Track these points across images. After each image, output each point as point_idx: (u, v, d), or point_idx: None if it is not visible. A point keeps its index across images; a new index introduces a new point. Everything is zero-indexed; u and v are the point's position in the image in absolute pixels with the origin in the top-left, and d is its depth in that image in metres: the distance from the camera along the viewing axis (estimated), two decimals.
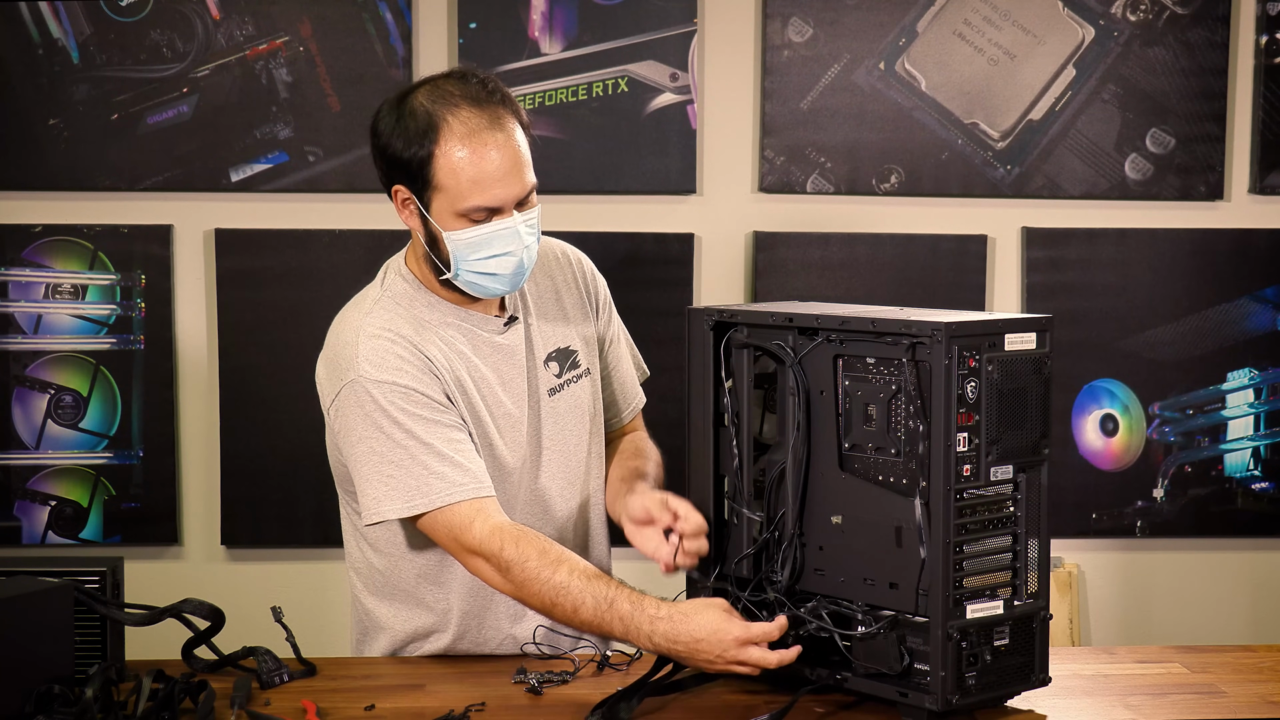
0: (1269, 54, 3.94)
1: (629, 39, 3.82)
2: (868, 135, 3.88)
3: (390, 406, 2.22)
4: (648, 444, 2.57)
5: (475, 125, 2.20)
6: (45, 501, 3.79)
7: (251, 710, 2.06)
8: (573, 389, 2.43)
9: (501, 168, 2.20)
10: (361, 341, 2.25)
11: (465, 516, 2.21)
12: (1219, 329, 3.98)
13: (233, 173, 3.78)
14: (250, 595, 3.70)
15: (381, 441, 2.22)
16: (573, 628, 2.24)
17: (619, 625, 2.13)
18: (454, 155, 2.19)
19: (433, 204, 2.24)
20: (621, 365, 2.56)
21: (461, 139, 2.19)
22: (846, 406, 2.11)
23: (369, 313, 2.30)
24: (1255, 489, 4.02)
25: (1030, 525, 2.08)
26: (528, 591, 2.19)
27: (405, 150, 2.22)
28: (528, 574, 2.17)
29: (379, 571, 2.40)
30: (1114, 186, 3.94)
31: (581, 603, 2.15)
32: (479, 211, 2.21)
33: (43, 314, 3.77)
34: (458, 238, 2.23)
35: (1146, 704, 2.15)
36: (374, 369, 2.23)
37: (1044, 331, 2.06)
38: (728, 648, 2.07)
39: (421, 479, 2.21)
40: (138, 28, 3.73)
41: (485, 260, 2.24)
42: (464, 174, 2.20)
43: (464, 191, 2.20)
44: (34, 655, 1.99)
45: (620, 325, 2.58)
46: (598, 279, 2.53)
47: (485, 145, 2.20)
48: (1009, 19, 3.88)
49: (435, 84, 2.26)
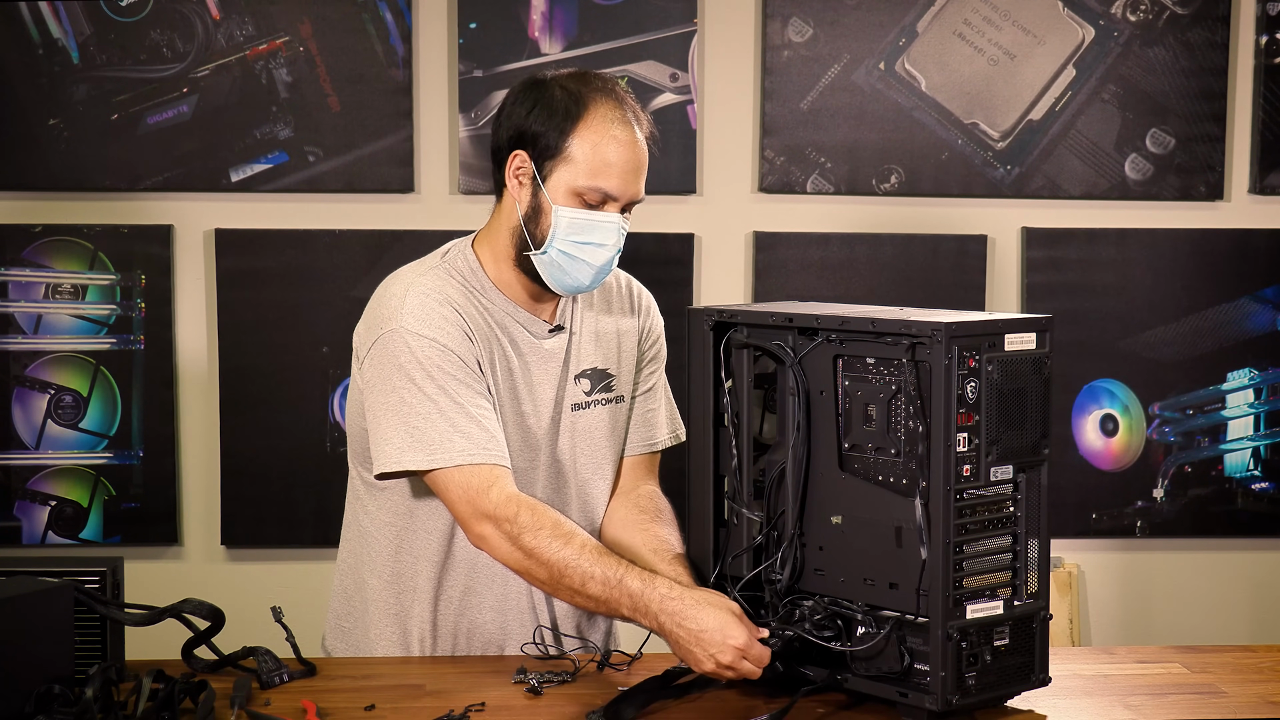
0: (1269, 54, 3.94)
1: (629, 39, 3.82)
2: (868, 135, 3.88)
3: (426, 361, 2.24)
4: (666, 506, 2.49)
5: (619, 118, 2.29)
6: (45, 501, 3.79)
7: (251, 710, 2.06)
8: (599, 410, 2.43)
9: (630, 163, 2.28)
10: (410, 296, 2.28)
11: (484, 479, 2.21)
12: (1219, 329, 3.98)
13: (233, 173, 3.78)
14: (250, 595, 3.70)
15: (412, 393, 2.23)
16: (577, 605, 2.23)
17: (627, 601, 2.14)
18: (594, 134, 2.27)
19: (552, 176, 2.29)
20: (650, 399, 2.53)
21: (606, 122, 2.28)
22: (846, 406, 2.10)
23: (424, 274, 2.33)
24: (1255, 489, 4.02)
25: (1030, 525, 2.08)
26: (536, 560, 2.18)
27: (546, 122, 2.29)
28: (539, 542, 2.18)
29: (378, 542, 2.39)
30: (1114, 186, 3.94)
31: (591, 576, 2.16)
32: (595, 193, 2.28)
33: (43, 314, 3.77)
34: (565, 214, 2.28)
35: (1146, 704, 2.15)
36: (417, 323, 2.26)
37: (1044, 331, 2.06)
38: (726, 650, 2.07)
39: (446, 435, 2.22)
40: (138, 28, 3.73)
41: (581, 245, 2.28)
42: (597, 154, 2.27)
43: (592, 170, 2.27)
44: (34, 655, 1.99)
45: (663, 377, 2.56)
46: (654, 314, 2.55)
47: (623, 137, 2.28)
48: (1009, 19, 3.88)
49: (584, 75, 2.34)
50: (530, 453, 2.36)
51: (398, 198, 3.82)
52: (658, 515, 2.44)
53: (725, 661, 2.08)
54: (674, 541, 2.36)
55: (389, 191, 3.81)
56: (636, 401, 2.51)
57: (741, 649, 2.07)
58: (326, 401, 3.82)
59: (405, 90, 3.79)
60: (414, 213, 3.82)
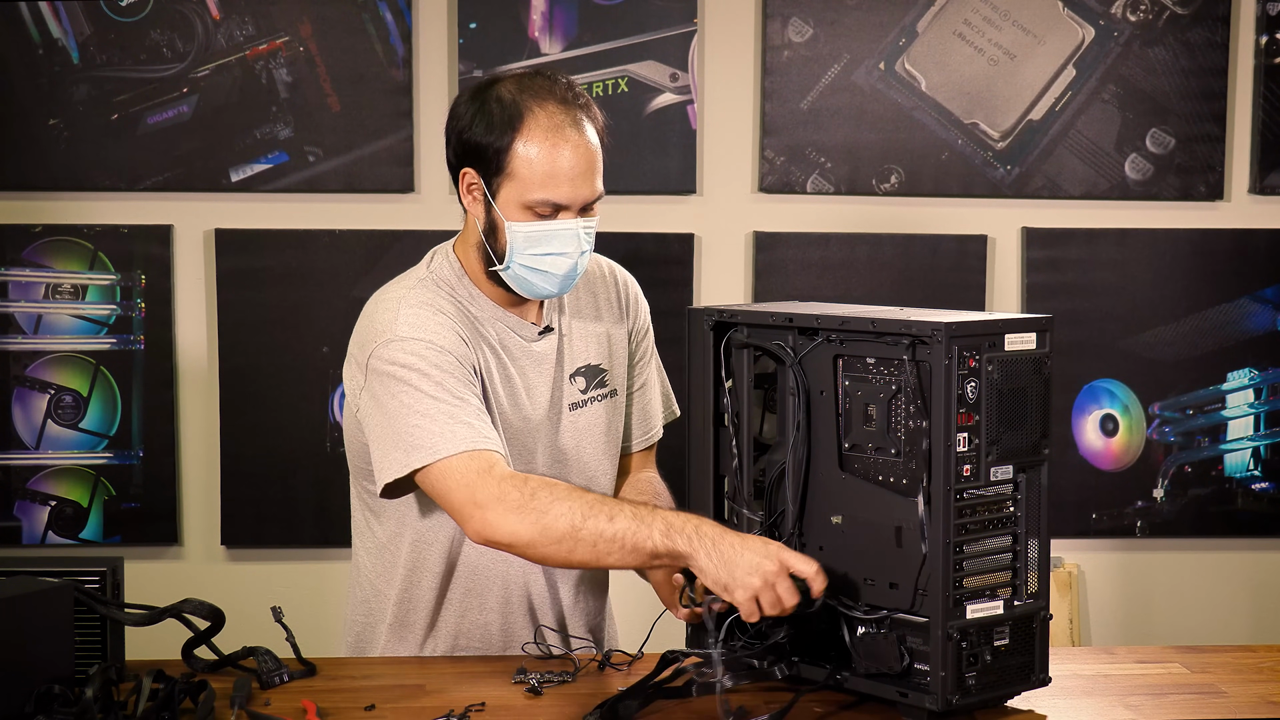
0: (1269, 54, 3.94)
1: (629, 39, 3.82)
2: (868, 135, 3.88)
3: (424, 363, 2.21)
4: (664, 490, 2.52)
5: (559, 121, 2.23)
6: (45, 501, 3.79)
7: (251, 710, 2.06)
8: (596, 407, 2.43)
9: (576, 167, 2.23)
10: (403, 310, 2.26)
11: (488, 460, 2.15)
12: (1219, 329, 3.99)
13: (233, 173, 3.78)
14: (250, 595, 3.70)
15: (412, 395, 2.19)
16: (599, 555, 2.10)
17: (660, 525, 2.07)
18: (533, 146, 2.22)
19: (500, 192, 2.25)
20: (645, 393, 2.54)
21: (544, 131, 2.22)
22: (846, 406, 2.10)
23: (412, 288, 2.32)
24: (1255, 489, 4.02)
25: (1030, 525, 2.08)
26: (552, 517, 2.09)
27: (485, 135, 2.24)
28: (556, 496, 2.10)
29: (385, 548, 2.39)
30: (1114, 186, 3.94)
31: (619, 510, 2.09)
32: (545, 205, 2.24)
33: (43, 314, 3.77)
34: (519, 229, 2.25)
35: (1146, 704, 2.15)
36: (412, 330, 2.23)
37: (1044, 331, 2.06)
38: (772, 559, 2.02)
39: (447, 427, 2.17)
40: (138, 28, 3.73)
41: (540, 257, 2.25)
42: (539, 166, 2.22)
43: (536, 183, 2.22)
44: (34, 655, 1.99)
45: (655, 356, 2.56)
46: (640, 302, 2.53)
47: (565, 142, 2.22)
48: (1009, 19, 3.88)
49: (521, 79, 2.28)
50: (531, 454, 2.36)
51: (398, 198, 3.82)
52: (655, 498, 2.47)
53: (771, 570, 2.02)
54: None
55: (389, 191, 3.81)
56: (634, 397, 2.51)
57: (786, 564, 2.03)
58: (326, 401, 3.82)
59: (405, 90, 3.79)
60: (414, 213, 3.82)
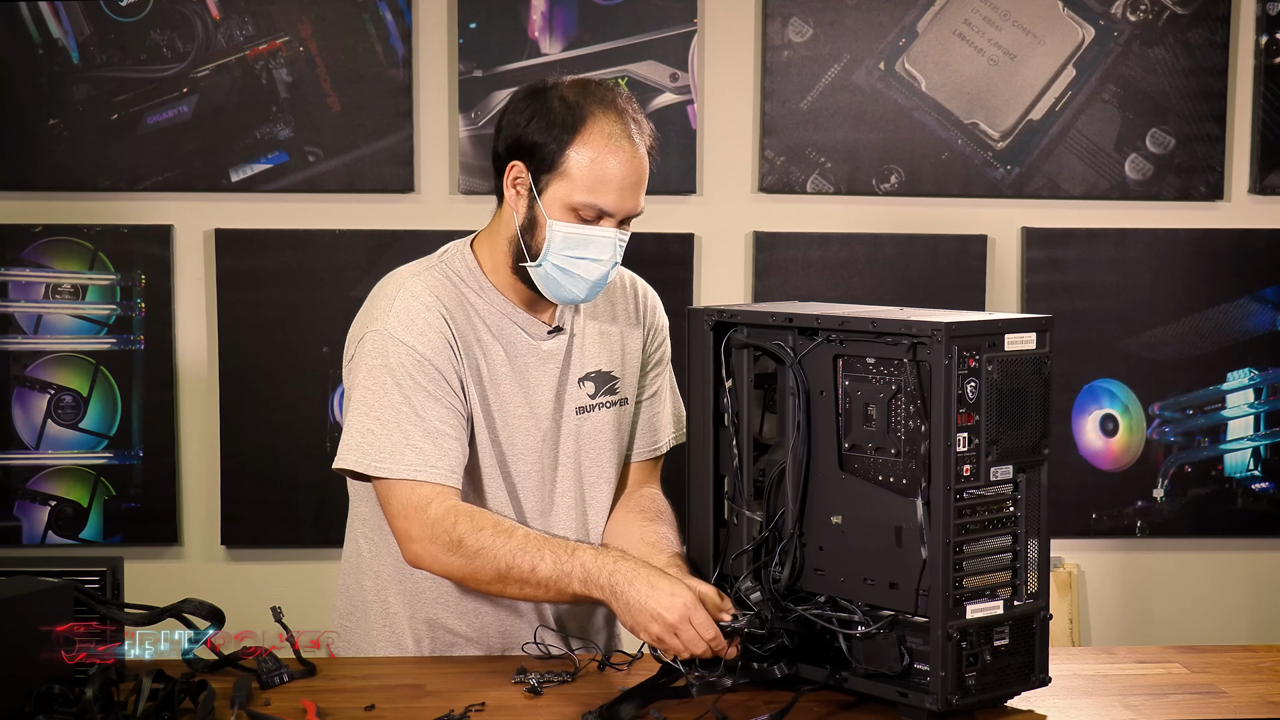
0: (1269, 54, 3.94)
1: (629, 39, 3.82)
2: (868, 135, 3.88)
3: (399, 368, 2.24)
4: (666, 508, 2.50)
5: (619, 131, 2.26)
6: (45, 501, 3.79)
7: (251, 710, 2.06)
8: (604, 414, 2.43)
9: (627, 178, 2.26)
10: (400, 298, 2.29)
11: (424, 496, 2.22)
12: (1219, 329, 3.98)
13: (233, 173, 3.78)
14: (250, 595, 3.70)
15: (378, 396, 2.25)
16: (527, 597, 2.23)
17: (579, 573, 2.14)
18: (590, 150, 2.25)
19: (548, 189, 2.27)
20: (655, 404, 2.53)
21: (604, 138, 2.25)
22: (846, 406, 2.10)
23: (419, 274, 2.33)
24: (1255, 489, 4.02)
25: (1030, 525, 2.08)
26: (481, 561, 2.18)
27: (544, 133, 2.26)
28: (481, 543, 2.18)
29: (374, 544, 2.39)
30: (1114, 186, 3.94)
31: (540, 558, 2.16)
32: (590, 209, 2.26)
33: (43, 314, 3.77)
34: (559, 228, 2.27)
35: (1146, 704, 2.15)
36: (400, 328, 2.26)
37: (1044, 331, 2.06)
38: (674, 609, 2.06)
39: (399, 445, 2.23)
40: (138, 28, 3.73)
41: (575, 260, 2.28)
42: (593, 170, 2.25)
43: (587, 186, 2.25)
44: (34, 655, 1.99)
45: (671, 376, 2.56)
46: (659, 315, 2.54)
47: (620, 151, 2.26)
48: (1009, 19, 3.88)
49: (585, 84, 2.31)
50: (529, 455, 2.36)
51: (398, 198, 3.82)
52: (658, 516, 2.44)
53: (671, 621, 2.06)
54: (673, 539, 2.36)
55: (389, 191, 3.81)
56: (642, 406, 2.50)
57: (684, 614, 2.06)
58: (326, 401, 3.82)
59: (405, 90, 3.79)
60: (414, 213, 3.82)
